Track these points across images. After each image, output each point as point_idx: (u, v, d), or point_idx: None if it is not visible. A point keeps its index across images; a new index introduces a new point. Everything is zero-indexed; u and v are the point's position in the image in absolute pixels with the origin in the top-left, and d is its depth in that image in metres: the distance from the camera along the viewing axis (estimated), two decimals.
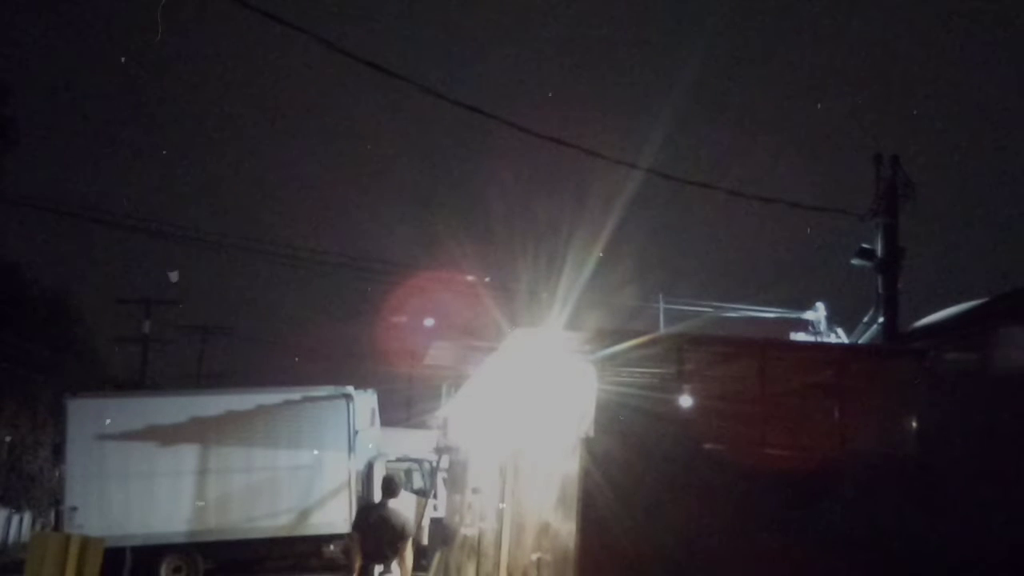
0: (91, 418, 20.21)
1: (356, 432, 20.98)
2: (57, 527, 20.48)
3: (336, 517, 20.40)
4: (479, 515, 13.24)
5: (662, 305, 19.10)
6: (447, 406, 17.33)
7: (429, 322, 27.07)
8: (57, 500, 21.27)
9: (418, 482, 22.20)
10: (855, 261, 14.91)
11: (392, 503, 12.14)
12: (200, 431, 20.32)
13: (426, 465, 21.28)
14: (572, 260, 16.93)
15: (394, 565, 12.07)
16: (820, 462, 9.08)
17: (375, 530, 11.79)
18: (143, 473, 19.91)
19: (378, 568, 11.85)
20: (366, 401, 22.02)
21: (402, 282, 23.20)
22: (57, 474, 22.44)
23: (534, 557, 9.82)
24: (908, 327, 13.72)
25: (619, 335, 9.17)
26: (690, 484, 8.81)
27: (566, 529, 8.86)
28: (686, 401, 9.28)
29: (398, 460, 21.68)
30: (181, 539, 19.97)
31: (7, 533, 30.85)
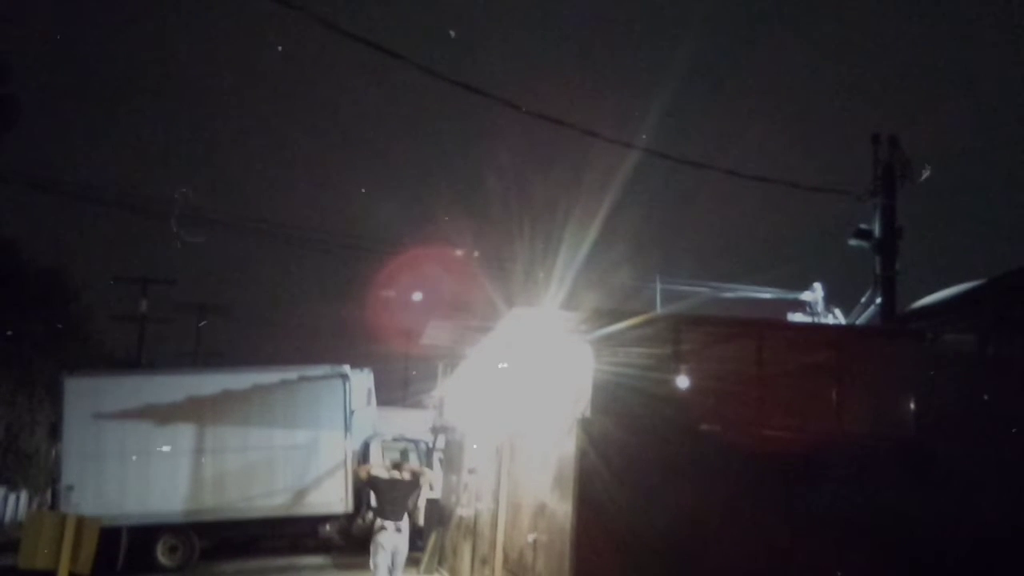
0: (88, 397, 20.14)
1: (352, 412, 20.95)
2: (53, 506, 20.41)
3: (332, 497, 20.39)
4: (475, 495, 13.24)
5: (659, 285, 19.04)
6: (443, 386, 17.32)
7: (417, 296, 27.05)
8: (54, 479, 21.19)
9: (414, 463, 22.20)
10: (853, 241, 14.85)
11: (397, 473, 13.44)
12: (196, 410, 20.27)
13: (422, 445, 21.27)
14: (569, 240, 16.87)
15: (404, 525, 12.99)
16: (817, 443, 9.07)
17: (389, 488, 13.05)
18: (139, 452, 19.86)
19: (391, 524, 12.85)
20: (362, 381, 21.98)
21: (392, 257, 23.14)
22: (54, 453, 22.39)
23: (530, 538, 9.82)
24: (906, 308, 13.70)
25: (616, 315, 9.14)
26: (686, 465, 8.81)
27: (562, 509, 8.85)
28: (683, 381, 9.26)
29: (394, 440, 21.65)
30: (177, 519, 19.93)
31: (3, 512, 30.88)
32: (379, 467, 14.60)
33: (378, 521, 13.17)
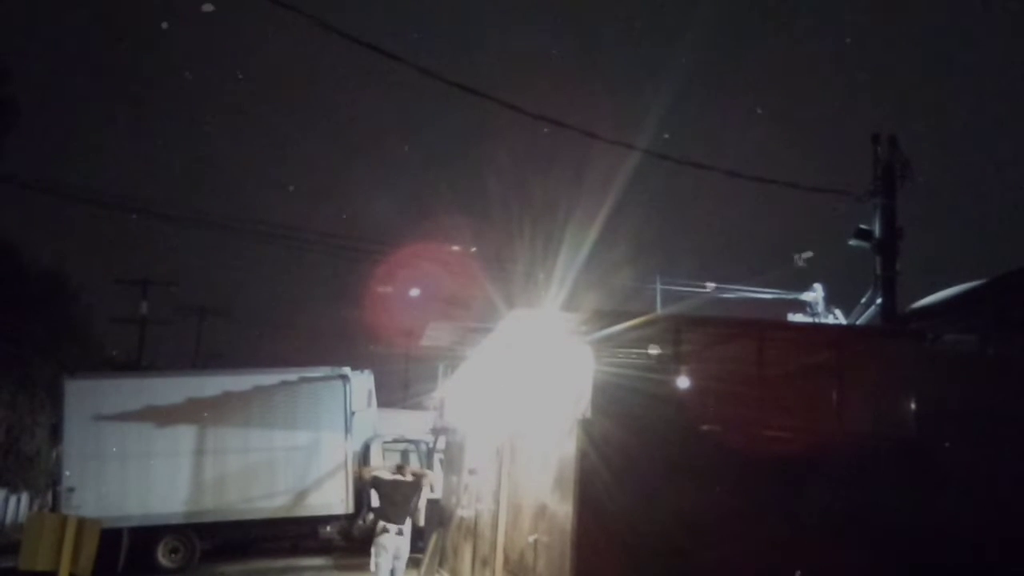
0: (88, 399, 20.18)
1: (353, 413, 20.97)
2: (55, 508, 20.44)
3: (333, 498, 20.42)
4: (476, 496, 13.23)
5: (659, 286, 19.07)
6: (444, 387, 17.32)
7: (414, 292, 27.18)
8: (54, 481, 21.23)
9: (415, 464, 22.20)
10: (853, 242, 14.85)
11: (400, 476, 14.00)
12: (197, 412, 20.30)
13: (423, 446, 21.28)
14: (569, 241, 16.87)
15: (406, 528, 13.50)
16: (818, 443, 9.06)
17: (391, 491, 13.48)
18: (140, 454, 19.89)
19: (394, 528, 13.26)
20: (363, 382, 21.99)
21: (392, 258, 23.24)
22: (54, 455, 22.43)
23: (531, 539, 9.81)
24: (906, 308, 13.72)
25: (616, 316, 9.13)
26: (687, 466, 8.79)
27: (563, 511, 8.84)
28: (683, 382, 9.25)
29: (395, 441, 21.68)
30: (178, 520, 19.96)
31: (4, 514, 30.88)
32: (382, 469, 14.73)
33: (380, 523, 13.23)
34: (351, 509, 20.43)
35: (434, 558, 15.92)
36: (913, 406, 9.34)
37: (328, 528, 21.38)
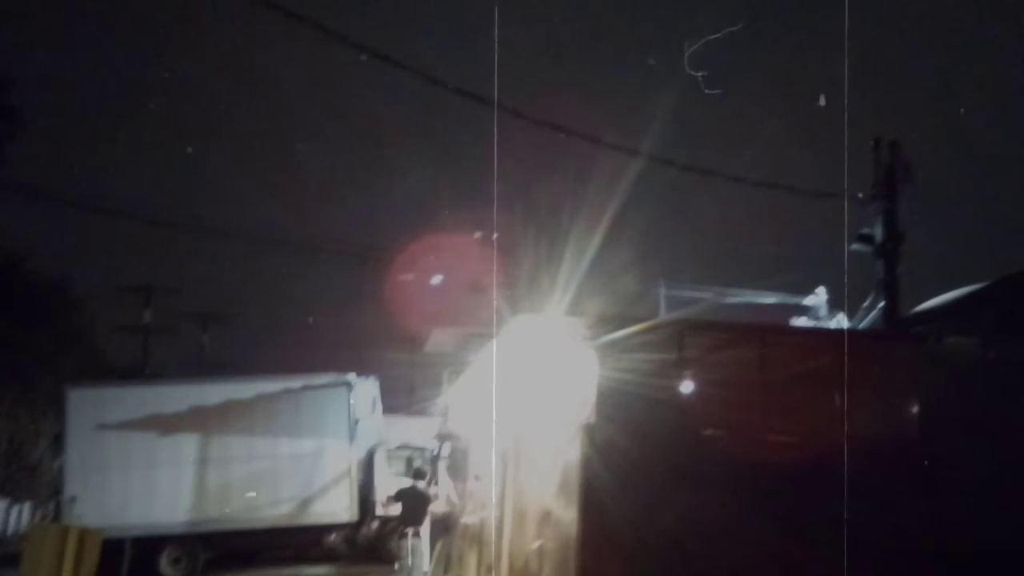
0: (91, 408, 20.16)
1: (357, 420, 20.92)
2: (57, 517, 20.42)
3: (337, 506, 20.36)
4: (481, 503, 13.23)
5: (663, 291, 19.05)
6: (448, 393, 17.31)
7: (436, 279, 27.09)
8: (57, 491, 21.20)
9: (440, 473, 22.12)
10: (855, 246, 14.82)
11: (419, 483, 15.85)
12: (200, 420, 20.26)
13: (427, 453, 21.24)
14: (573, 246, 16.83)
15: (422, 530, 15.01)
16: (820, 448, 9.04)
17: (409, 499, 15.13)
18: (143, 463, 19.86)
19: (410, 529, 14.81)
20: (367, 389, 21.93)
21: (391, 256, 23.17)
22: (57, 464, 22.40)
23: (536, 545, 9.80)
24: (909, 312, 13.70)
25: (620, 321, 9.14)
26: (691, 471, 8.79)
27: (567, 516, 8.84)
28: (687, 387, 9.25)
29: (399, 448, 21.63)
30: (181, 529, 19.91)
31: (7, 524, 30.83)
32: (402, 478, 15.83)
33: (400, 527, 15.00)
34: (355, 517, 20.38)
35: (439, 565, 15.91)
36: (916, 409, 9.34)
37: (332, 536, 21.33)
